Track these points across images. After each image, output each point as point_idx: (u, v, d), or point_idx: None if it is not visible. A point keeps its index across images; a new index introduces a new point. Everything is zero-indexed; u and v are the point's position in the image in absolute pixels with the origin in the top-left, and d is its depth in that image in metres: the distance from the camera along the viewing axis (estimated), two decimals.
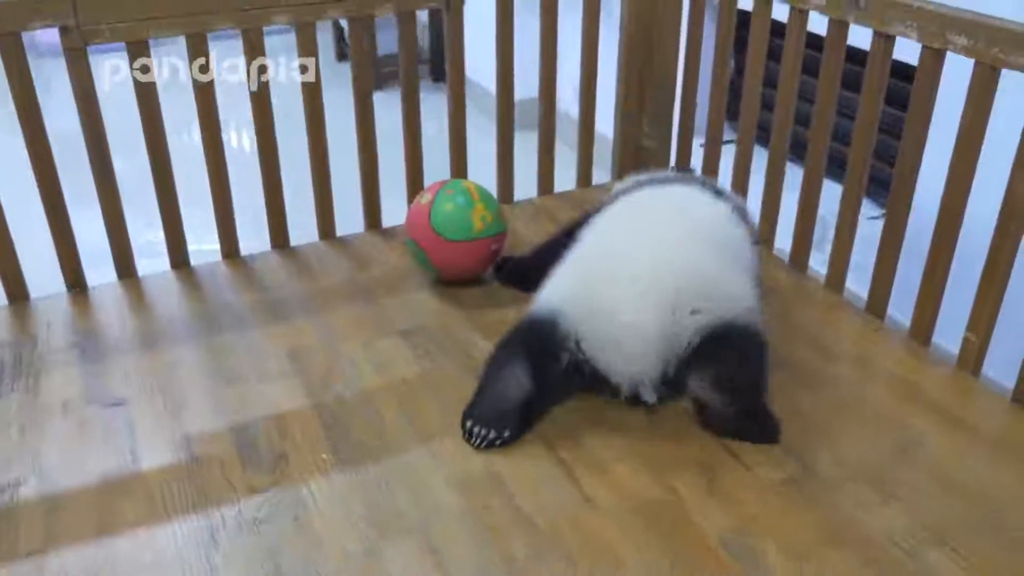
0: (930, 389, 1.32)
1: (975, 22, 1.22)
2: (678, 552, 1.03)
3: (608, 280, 1.21)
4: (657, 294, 1.18)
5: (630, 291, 1.19)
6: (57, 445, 1.20)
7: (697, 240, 1.27)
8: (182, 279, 1.59)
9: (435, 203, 1.49)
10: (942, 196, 1.32)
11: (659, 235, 1.27)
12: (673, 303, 1.17)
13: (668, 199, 1.40)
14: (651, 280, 1.19)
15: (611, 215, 1.37)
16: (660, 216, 1.33)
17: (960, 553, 1.03)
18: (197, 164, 1.58)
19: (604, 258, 1.26)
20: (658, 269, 1.20)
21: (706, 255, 1.25)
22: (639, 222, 1.33)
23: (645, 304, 1.18)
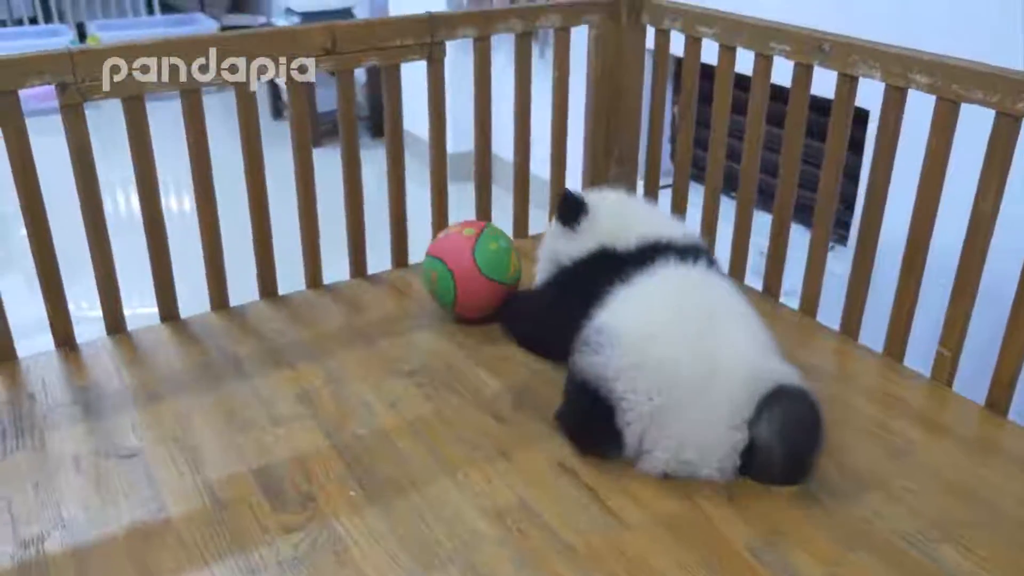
0: (910, 400, 1.42)
1: (935, 62, 1.34)
2: (713, 563, 1.08)
3: (698, 389, 1.20)
4: (720, 439, 1.21)
5: (697, 434, 1.20)
6: (77, 499, 1.19)
7: (753, 336, 1.30)
8: (173, 331, 1.59)
9: (480, 238, 1.57)
10: (911, 220, 1.43)
11: (718, 339, 1.26)
12: (730, 438, 1.21)
13: (719, 291, 1.38)
14: (717, 427, 1.20)
15: (650, 301, 1.33)
16: (712, 319, 1.29)
17: (969, 548, 1.11)
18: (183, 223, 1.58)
19: (674, 373, 1.22)
20: (719, 415, 1.20)
21: (766, 348, 1.30)
22: (693, 324, 1.28)
23: (709, 450, 1.21)
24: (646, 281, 1.35)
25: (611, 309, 1.31)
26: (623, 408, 1.21)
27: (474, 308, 1.57)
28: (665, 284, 1.35)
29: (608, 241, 1.48)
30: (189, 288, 1.68)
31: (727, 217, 1.76)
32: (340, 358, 1.50)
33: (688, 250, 1.41)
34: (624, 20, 1.86)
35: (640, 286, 1.34)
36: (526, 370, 1.47)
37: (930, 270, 1.45)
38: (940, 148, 1.37)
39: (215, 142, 1.58)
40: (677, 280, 1.36)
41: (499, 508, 1.17)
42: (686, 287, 1.35)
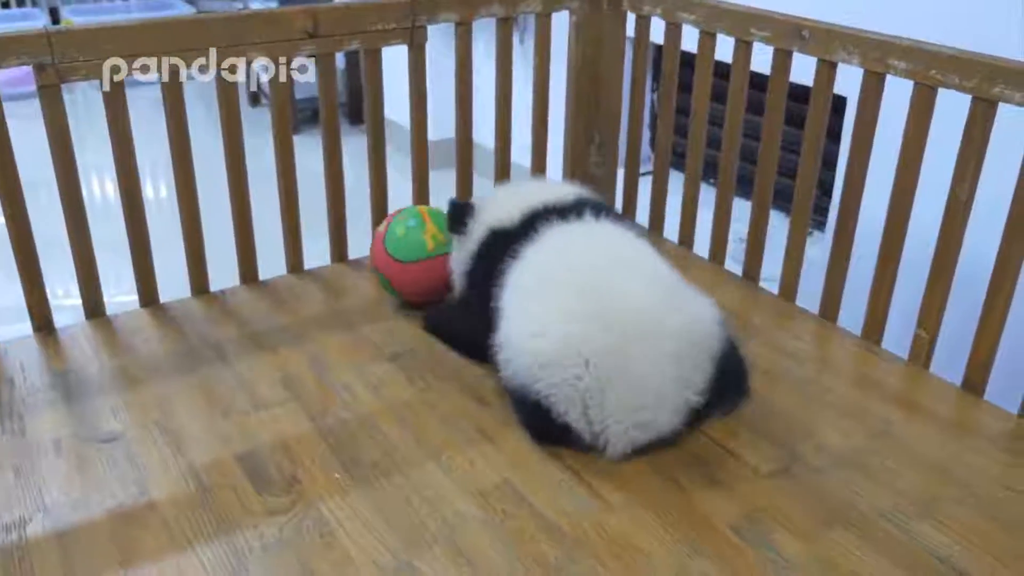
0: (888, 382, 1.44)
1: (913, 47, 1.35)
2: (695, 541, 1.10)
3: (613, 380, 1.19)
4: (670, 390, 1.21)
5: (646, 397, 1.19)
6: (58, 483, 1.18)
7: (653, 276, 1.30)
8: (154, 316, 1.58)
9: (389, 229, 1.57)
10: (888, 205, 1.45)
11: (620, 292, 1.25)
12: (687, 389, 1.22)
13: (606, 239, 1.37)
14: (666, 378, 1.20)
15: (555, 270, 1.30)
16: (625, 276, 1.28)
17: (945, 523, 1.13)
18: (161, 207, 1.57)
19: (601, 350, 1.19)
20: (665, 362, 1.20)
21: (669, 285, 1.30)
22: (607, 285, 1.26)
23: (662, 402, 1.21)
24: (532, 255, 1.33)
25: (506, 311, 1.29)
26: (555, 404, 1.20)
27: (418, 293, 1.57)
28: (551, 253, 1.33)
29: (495, 223, 1.46)
30: (169, 274, 1.67)
31: (707, 204, 1.77)
32: (322, 342, 1.50)
33: (573, 208, 1.40)
34: (604, 6, 1.86)
35: (527, 261, 1.32)
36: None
37: (907, 254, 1.47)
38: (917, 133, 1.38)
39: (193, 128, 1.57)
40: (563, 243, 1.34)
41: (483, 490, 1.18)
42: (573, 249, 1.33)
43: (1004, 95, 1.27)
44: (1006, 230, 1.31)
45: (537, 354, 1.21)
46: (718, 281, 1.72)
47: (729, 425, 1.31)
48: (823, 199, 2.19)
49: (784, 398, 1.38)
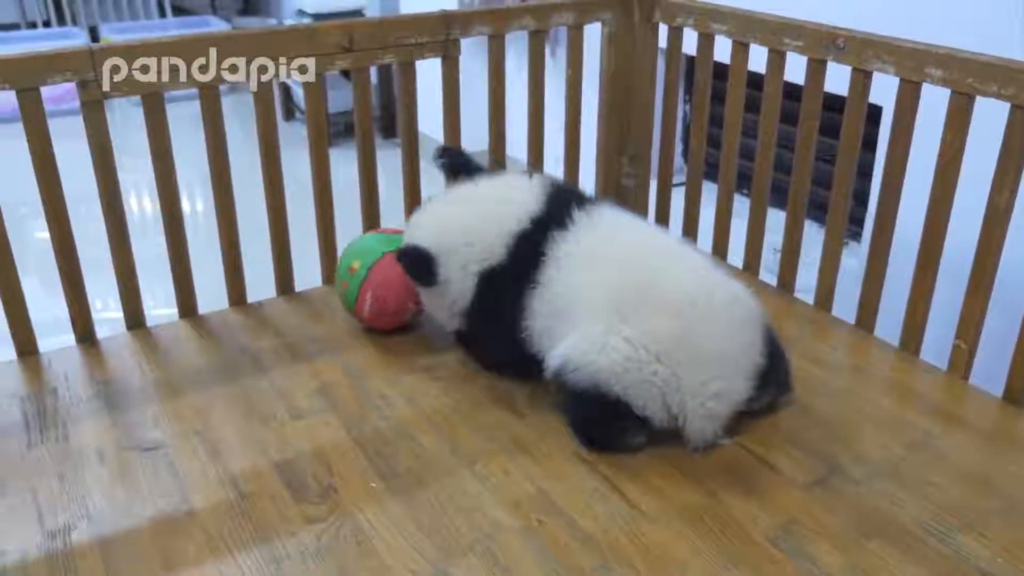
0: (927, 393, 1.43)
1: (950, 55, 1.35)
2: (732, 552, 1.09)
3: (684, 363, 1.21)
4: (738, 356, 1.24)
5: (715, 364, 1.22)
6: (102, 490, 1.20)
7: (723, 285, 1.30)
8: (192, 327, 1.60)
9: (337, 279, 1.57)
10: (926, 215, 1.43)
11: (697, 299, 1.25)
12: (749, 353, 1.25)
13: (619, 232, 1.35)
14: (730, 348, 1.24)
15: (589, 265, 1.29)
16: (662, 262, 1.30)
17: (987, 536, 1.12)
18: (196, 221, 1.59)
19: (664, 344, 1.22)
20: (726, 333, 1.24)
21: (719, 272, 1.32)
22: (650, 276, 1.27)
23: (733, 369, 1.24)
24: (557, 276, 1.29)
25: (554, 329, 1.28)
26: (636, 402, 1.22)
27: (387, 324, 1.56)
28: (577, 269, 1.29)
29: (482, 266, 1.37)
30: (207, 285, 1.69)
31: (740, 214, 1.77)
32: (357, 353, 1.51)
33: (559, 212, 1.33)
34: (637, 18, 1.87)
35: (557, 281, 1.29)
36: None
37: (945, 263, 1.46)
38: (955, 142, 1.37)
39: (230, 143, 1.59)
40: (587, 248, 1.30)
41: (518, 499, 1.18)
42: (601, 251, 1.30)
43: None
44: None
45: (608, 366, 1.22)
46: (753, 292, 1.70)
47: (765, 435, 1.30)
48: (858, 209, 2.17)
49: (821, 408, 1.37)
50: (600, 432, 1.28)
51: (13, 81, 1.35)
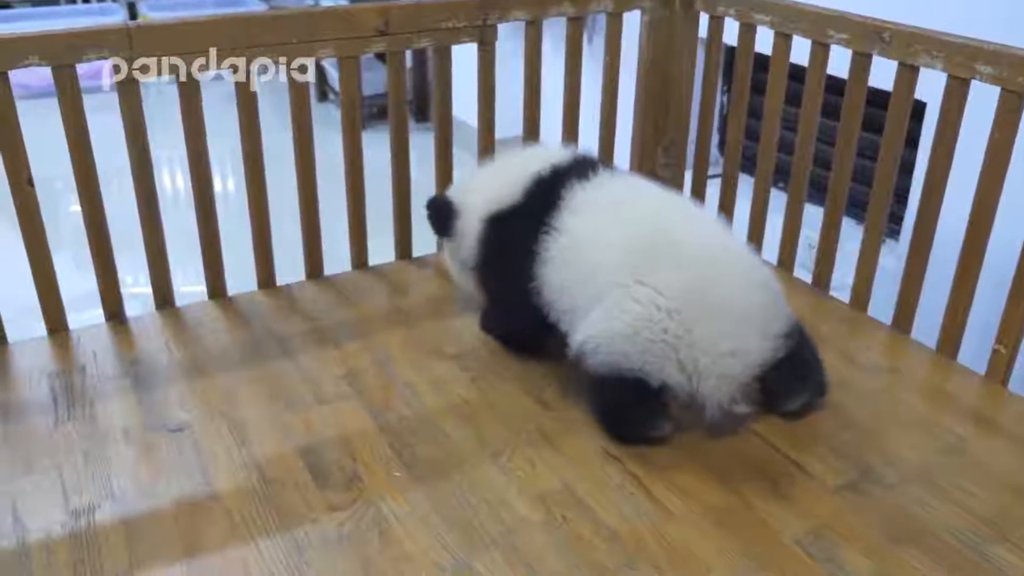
0: (963, 398, 1.40)
1: (1000, 52, 1.30)
2: (759, 554, 1.07)
3: (697, 317, 1.20)
4: (751, 312, 1.22)
5: (728, 319, 1.20)
6: (126, 470, 1.20)
7: (735, 243, 1.31)
8: (221, 309, 1.60)
9: None
10: (970, 214, 1.40)
11: (710, 253, 1.27)
12: (764, 314, 1.23)
13: (646, 196, 1.35)
14: (744, 306, 1.22)
15: (612, 235, 1.27)
16: (684, 237, 1.27)
17: (1020, 546, 1.09)
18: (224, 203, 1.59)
19: (677, 297, 1.20)
20: (739, 292, 1.23)
21: (748, 251, 1.31)
22: (662, 232, 1.27)
23: (746, 325, 1.21)
24: (572, 224, 1.28)
25: (571, 300, 1.28)
26: (651, 368, 1.20)
27: None
28: (589, 218, 1.28)
29: (494, 208, 1.39)
30: (236, 267, 1.69)
31: (776, 209, 1.74)
32: (385, 339, 1.50)
33: (581, 166, 1.35)
34: (677, 6, 1.83)
35: (566, 234, 1.28)
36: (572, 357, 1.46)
37: (987, 266, 1.42)
38: (1003, 141, 1.33)
39: (263, 123, 1.59)
40: (597, 206, 1.30)
41: (542, 493, 1.17)
42: (619, 203, 1.30)
43: None
44: None
45: (623, 329, 1.20)
46: (787, 288, 1.66)
47: (796, 436, 1.28)
48: (897, 206, 2.12)
49: (854, 410, 1.34)
50: (625, 421, 1.26)
51: (49, 57, 1.35)
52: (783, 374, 1.24)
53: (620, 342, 1.20)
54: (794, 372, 1.26)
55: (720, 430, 1.28)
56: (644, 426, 1.25)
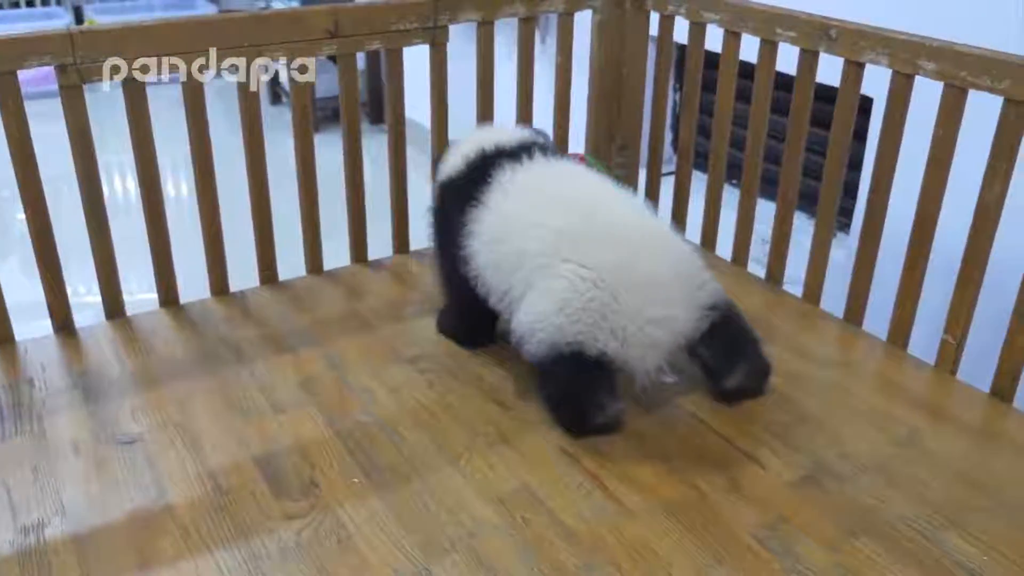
0: (915, 388, 1.42)
1: (943, 48, 1.33)
2: (718, 549, 1.08)
3: (621, 287, 1.24)
4: (675, 283, 1.26)
5: (652, 288, 1.24)
6: (77, 485, 1.18)
7: (656, 221, 1.35)
8: (173, 317, 1.58)
9: None
10: (916, 208, 1.42)
11: (632, 230, 1.30)
12: (688, 284, 1.27)
13: (573, 181, 1.39)
14: (665, 272, 1.26)
15: (540, 215, 1.30)
16: (608, 217, 1.31)
17: (973, 534, 1.11)
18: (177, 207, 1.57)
19: (601, 271, 1.24)
20: (662, 261, 1.27)
21: (671, 231, 1.35)
22: (590, 225, 1.29)
23: (670, 294, 1.25)
24: (499, 203, 1.33)
25: (489, 273, 1.33)
26: (586, 338, 1.22)
27: None
28: (516, 203, 1.33)
29: (446, 174, 1.46)
30: (189, 274, 1.67)
31: (730, 205, 1.75)
32: (341, 344, 1.49)
33: (518, 151, 1.39)
34: (628, 6, 1.84)
35: (493, 210, 1.33)
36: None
37: (935, 257, 1.44)
38: (947, 135, 1.36)
39: (213, 126, 1.57)
40: (527, 185, 1.34)
41: (502, 495, 1.17)
42: (539, 196, 1.33)
43: None
44: None
45: (552, 306, 1.24)
46: (741, 283, 1.69)
47: (752, 430, 1.29)
48: (847, 200, 2.15)
49: (808, 403, 1.36)
50: (573, 402, 1.28)
51: None
52: (714, 347, 1.30)
53: (552, 317, 1.24)
54: (725, 345, 1.30)
55: (676, 426, 1.30)
56: (592, 404, 1.26)
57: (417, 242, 1.82)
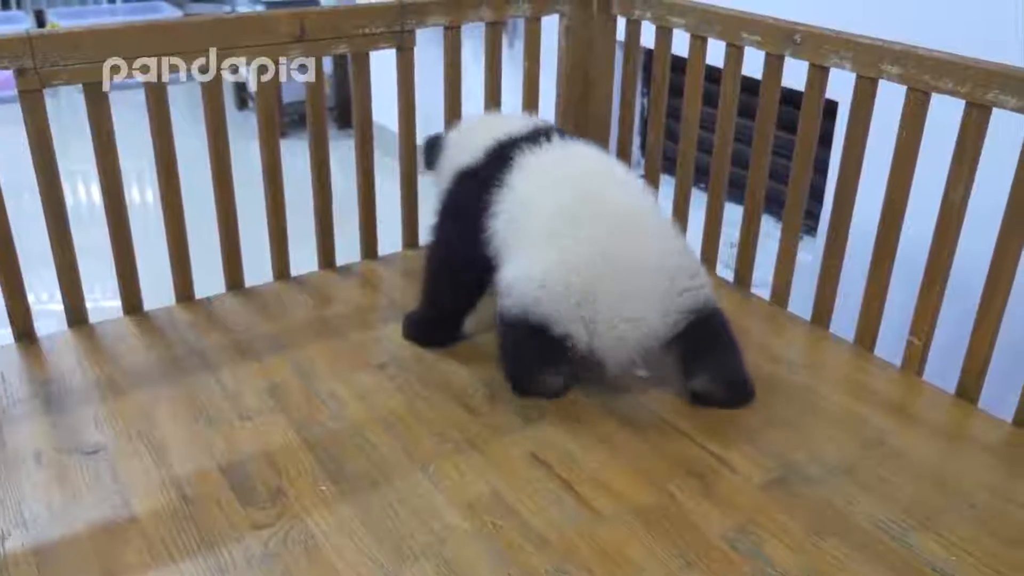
0: (882, 390, 1.43)
1: (906, 52, 1.34)
2: (688, 553, 1.08)
3: (601, 277, 1.25)
4: (655, 283, 1.27)
5: (630, 285, 1.26)
6: (38, 496, 1.15)
7: (656, 215, 1.36)
8: (137, 325, 1.55)
9: None
10: (881, 211, 1.43)
11: (626, 220, 1.31)
12: (669, 287, 1.27)
13: (579, 156, 1.42)
14: (648, 271, 1.27)
15: (541, 204, 1.33)
16: (607, 202, 1.33)
17: (941, 534, 1.12)
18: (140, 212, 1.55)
19: (586, 256, 1.26)
20: (647, 258, 1.27)
21: (669, 226, 1.36)
22: (589, 207, 1.31)
23: (648, 295, 1.26)
24: (516, 187, 1.36)
25: (504, 245, 1.35)
26: (554, 320, 1.26)
27: None
28: (532, 182, 1.36)
29: (461, 161, 1.48)
30: (154, 280, 1.64)
31: (698, 208, 1.76)
32: (309, 351, 1.48)
33: (535, 136, 1.42)
34: (595, 11, 1.84)
35: (512, 190, 1.36)
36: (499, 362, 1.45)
37: (900, 260, 1.46)
38: (911, 138, 1.37)
39: (179, 133, 1.54)
40: (540, 171, 1.37)
41: (471, 501, 1.16)
42: (550, 176, 1.36)
43: (998, 100, 1.26)
44: (1000, 236, 1.30)
45: (536, 276, 1.27)
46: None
47: (722, 433, 1.29)
48: (814, 204, 2.17)
49: (777, 406, 1.36)
50: (525, 358, 1.32)
51: None
52: (686, 349, 1.31)
53: (533, 288, 1.27)
54: (696, 349, 1.31)
55: (646, 430, 1.29)
56: (543, 363, 1.31)
57: (385, 247, 1.81)
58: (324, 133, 1.68)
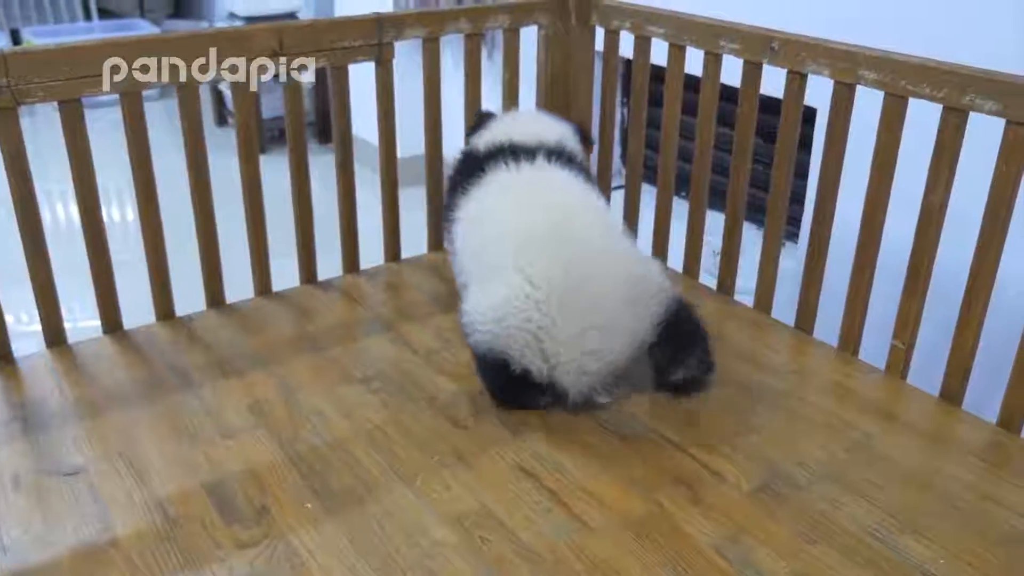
0: (867, 394, 1.43)
1: (883, 58, 1.35)
2: (679, 563, 1.07)
3: (564, 316, 1.25)
4: (623, 318, 1.26)
5: (594, 324, 1.25)
6: (17, 519, 1.13)
7: (616, 233, 1.37)
8: (117, 344, 1.53)
9: None
10: (862, 216, 1.44)
11: (588, 248, 1.31)
12: (635, 313, 1.27)
13: (553, 192, 1.41)
14: (611, 309, 1.26)
15: (504, 237, 1.34)
16: (570, 215, 1.35)
17: (929, 537, 1.12)
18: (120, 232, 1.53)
19: (544, 291, 1.26)
20: (609, 293, 1.27)
21: (627, 242, 1.38)
22: (551, 225, 1.32)
23: (613, 328, 1.25)
24: (481, 196, 1.40)
25: (464, 283, 1.40)
26: (514, 352, 1.26)
27: None
28: (495, 196, 1.39)
29: (475, 142, 1.55)
30: (133, 299, 1.63)
31: (680, 217, 1.76)
32: (292, 367, 1.46)
33: (531, 151, 1.43)
34: (573, 21, 1.85)
35: (477, 203, 1.40)
36: None
37: (882, 264, 1.46)
38: (889, 143, 1.38)
39: (158, 152, 1.53)
40: (506, 188, 1.40)
41: (460, 515, 1.15)
42: (513, 204, 1.38)
43: (975, 104, 1.26)
44: (980, 238, 1.31)
45: (492, 312, 1.27)
46: (693, 295, 1.69)
47: (709, 441, 1.29)
48: (795, 210, 2.18)
49: (763, 413, 1.36)
50: (499, 392, 1.34)
51: None
52: (663, 348, 1.30)
53: (490, 323, 1.27)
54: (672, 347, 1.31)
55: (634, 440, 1.29)
56: (519, 401, 1.32)
57: (367, 261, 1.80)
58: (304, 148, 1.67)
